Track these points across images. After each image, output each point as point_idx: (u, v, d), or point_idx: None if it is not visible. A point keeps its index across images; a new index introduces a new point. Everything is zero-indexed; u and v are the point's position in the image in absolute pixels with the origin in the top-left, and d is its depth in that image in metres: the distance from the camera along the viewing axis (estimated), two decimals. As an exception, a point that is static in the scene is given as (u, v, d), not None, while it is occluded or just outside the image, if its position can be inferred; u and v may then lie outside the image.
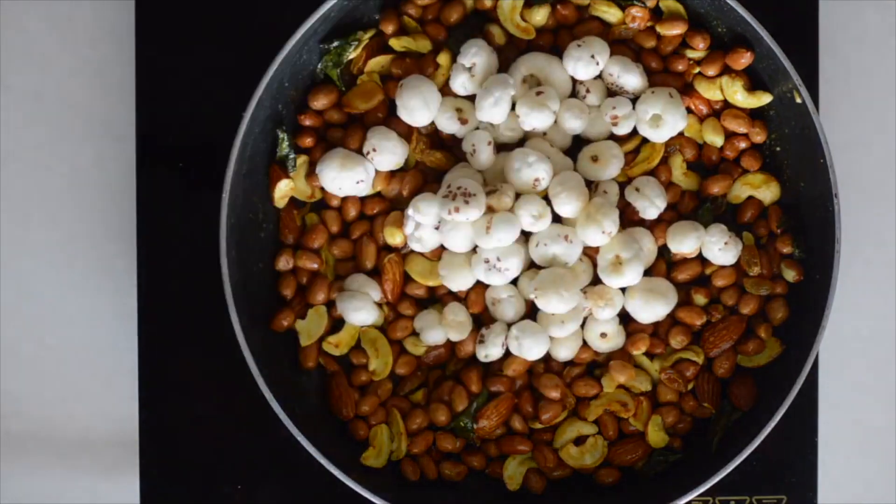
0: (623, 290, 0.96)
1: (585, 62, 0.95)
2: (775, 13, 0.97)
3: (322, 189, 0.97)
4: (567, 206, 0.94)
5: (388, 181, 0.97)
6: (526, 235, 0.95)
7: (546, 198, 0.95)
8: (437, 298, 0.97)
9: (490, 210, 0.94)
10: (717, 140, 0.97)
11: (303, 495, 0.99)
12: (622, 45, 0.97)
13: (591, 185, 0.96)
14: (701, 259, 0.96)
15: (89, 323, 1.01)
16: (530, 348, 0.94)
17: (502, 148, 0.96)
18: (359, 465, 0.95)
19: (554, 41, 0.97)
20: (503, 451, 0.97)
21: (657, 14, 0.97)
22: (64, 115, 1.01)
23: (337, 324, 0.97)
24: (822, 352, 1.00)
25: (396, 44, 0.96)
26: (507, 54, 0.97)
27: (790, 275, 0.96)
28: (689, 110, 0.96)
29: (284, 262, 0.96)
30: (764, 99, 0.95)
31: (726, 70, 0.96)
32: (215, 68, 0.99)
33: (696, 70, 0.96)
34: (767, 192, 0.97)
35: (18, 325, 1.01)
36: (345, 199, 0.97)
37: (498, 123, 0.96)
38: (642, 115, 0.95)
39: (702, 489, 0.92)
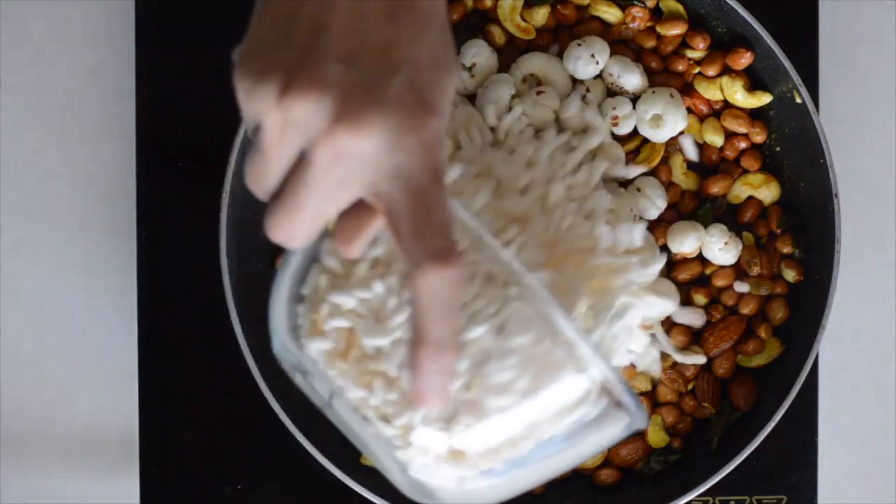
0: (623, 290, 0.96)
1: (585, 61, 0.95)
2: (775, 13, 0.97)
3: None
4: (568, 206, 0.94)
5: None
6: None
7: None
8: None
9: (490, 210, 0.94)
10: (717, 140, 0.97)
11: (303, 495, 0.99)
12: (622, 45, 0.97)
13: (592, 185, 0.96)
14: (701, 259, 0.96)
15: (89, 323, 1.01)
16: (530, 348, 0.94)
17: (502, 148, 0.96)
18: (359, 465, 0.95)
19: (554, 41, 0.97)
20: (503, 451, 0.97)
21: (657, 14, 0.97)
22: (64, 115, 1.01)
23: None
24: (822, 352, 1.00)
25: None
26: (507, 54, 0.97)
27: (790, 275, 0.96)
28: (689, 110, 0.96)
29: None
30: (764, 99, 0.95)
31: (726, 70, 0.96)
32: (215, 68, 0.99)
33: (696, 70, 0.96)
34: (767, 192, 0.97)
35: (18, 325, 1.01)
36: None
37: (498, 123, 0.96)
38: (642, 115, 0.95)
39: (702, 489, 0.92)
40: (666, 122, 0.94)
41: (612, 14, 0.96)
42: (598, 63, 0.95)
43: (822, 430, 0.99)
